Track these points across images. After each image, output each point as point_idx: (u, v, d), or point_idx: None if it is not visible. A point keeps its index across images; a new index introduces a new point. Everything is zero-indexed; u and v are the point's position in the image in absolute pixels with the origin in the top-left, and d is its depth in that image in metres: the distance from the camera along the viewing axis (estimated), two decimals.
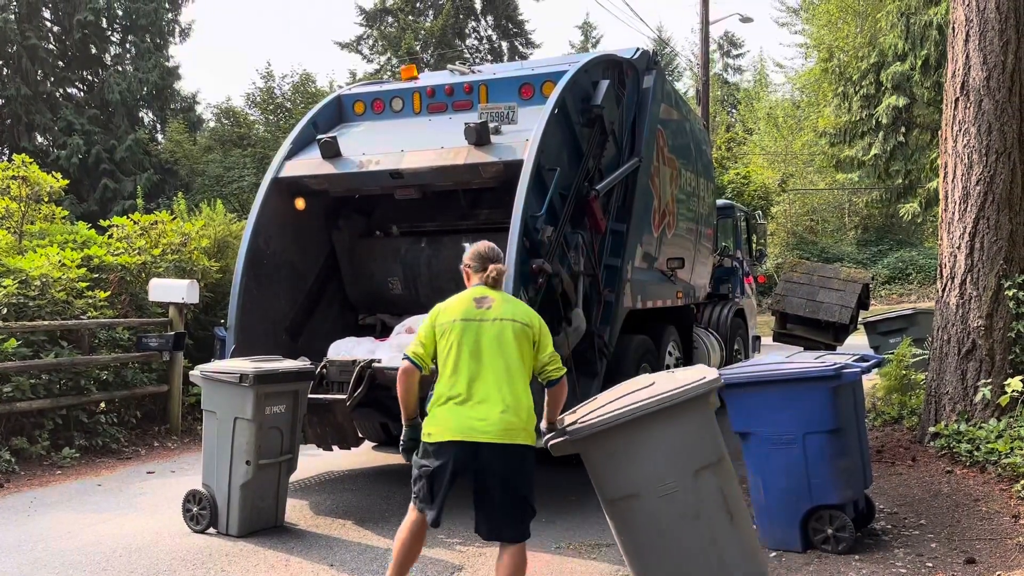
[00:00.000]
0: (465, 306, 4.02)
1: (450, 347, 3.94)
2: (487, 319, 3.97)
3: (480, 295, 4.07)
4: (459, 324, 3.96)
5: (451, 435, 3.84)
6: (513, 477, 3.88)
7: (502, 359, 3.91)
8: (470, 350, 3.91)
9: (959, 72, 7.36)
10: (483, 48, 39.15)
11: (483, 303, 4.02)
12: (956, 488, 6.24)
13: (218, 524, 5.59)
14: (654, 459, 3.84)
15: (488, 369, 3.90)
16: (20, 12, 25.00)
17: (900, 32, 26.03)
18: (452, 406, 3.88)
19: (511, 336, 3.95)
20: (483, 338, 3.93)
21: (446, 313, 4.03)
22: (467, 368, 3.89)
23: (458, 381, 3.89)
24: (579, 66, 6.88)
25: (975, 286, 7.15)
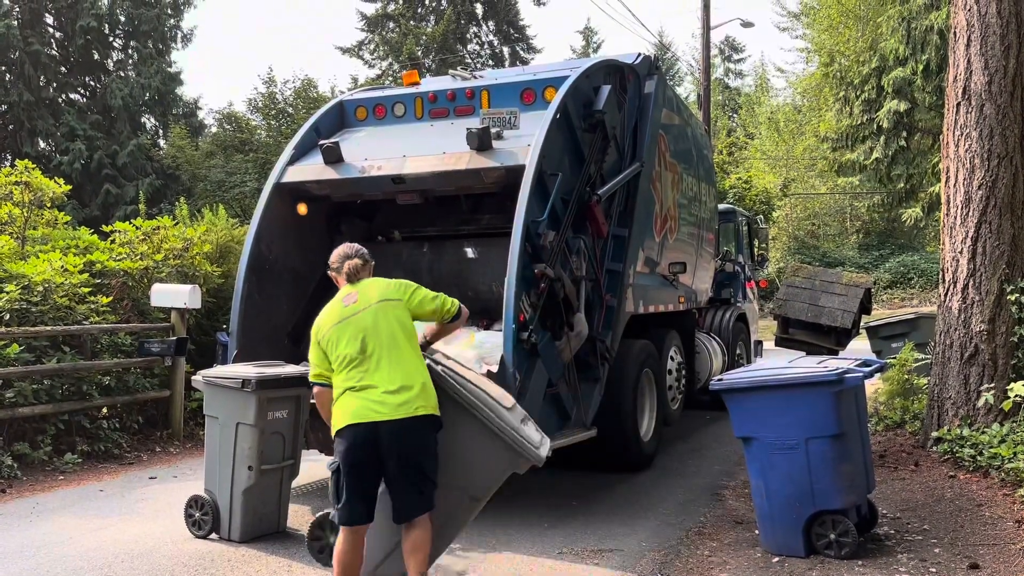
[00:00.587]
0: (335, 311, 4.25)
1: (339, 352, 4.12)
2: (357, 312, 4.18)
3: (345, 294, 4.30)
4: (336, 329, 4.16)
5: (351, 419, 3.98)
6: (412, 451, 4.00)
7: (385, 341, 4.10)
8: (356, 346, 4.09)
9: (961, 76, 7.36)
10: (484, 53, 39.26)
11: (349, 300, 4.25)
12: (959, 493, 6.23)
13: (220, 530, 5.58)
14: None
15: (374, 356, 4.07)
16: (23, 18, 25.10)
17: (901, 37, 26.09)
18: (349, 395, 4.05)
19: (383, 317, 4.17)
20: (360, 330, 4.12)
21: (322, 328, 4.24)
22: (358, 361, 4.07)
23: (352, 374, 4.07)
24: (581, 71, 6.89)
25: (977, 291, 7.14)
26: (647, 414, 7.77)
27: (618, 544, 5.45)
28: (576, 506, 6.39)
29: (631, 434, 7.26)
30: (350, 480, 4.00)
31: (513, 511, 6.26)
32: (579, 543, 5.48)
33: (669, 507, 6.38)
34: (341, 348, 4.11)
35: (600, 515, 6.13)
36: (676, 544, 5.46)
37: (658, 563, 5.10)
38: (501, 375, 5.54)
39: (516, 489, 6.89)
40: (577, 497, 6.63)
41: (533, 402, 5.85)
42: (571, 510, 6.28)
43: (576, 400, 6.40)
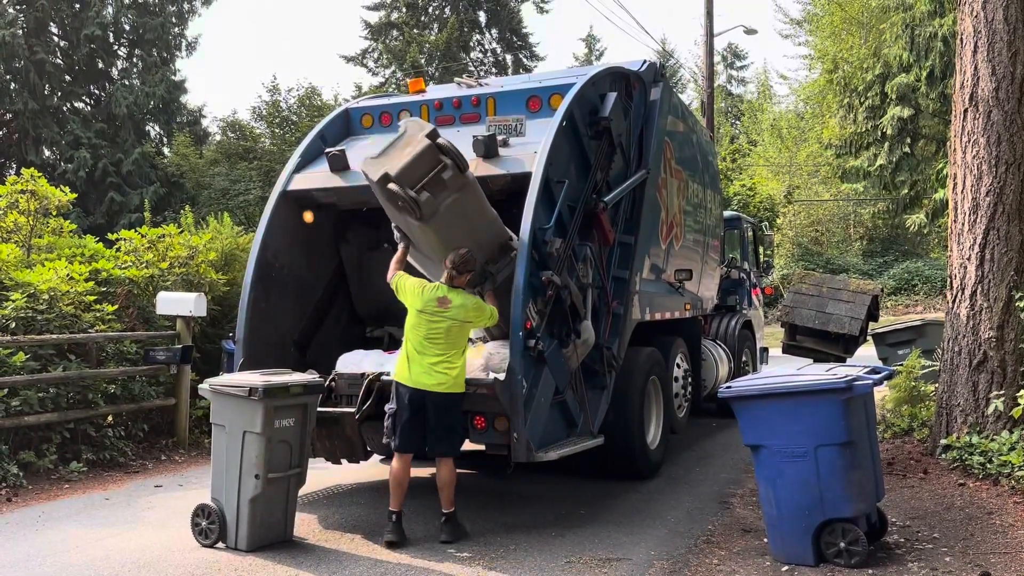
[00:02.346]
0: (433, 301, 5.58)
1: (419, 328, 5.58)
2: (439, 317, 5.55)
3: (444, 294, 5.57)
4: (426, 315, 5.56)
5: (409, 383, 5.54)
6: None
7: (441, 343, 5.57)
8: (423, 337, 5.56)
9: (967, 83, 7.35)
10: (488, 61, 39.33)
11: (444, 304, 5.55)
12: (969, 501, 6.19)
13: (227, 539, 5.56)
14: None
15: (432, 346, 5.57)
16: (28, 27, 25.17)
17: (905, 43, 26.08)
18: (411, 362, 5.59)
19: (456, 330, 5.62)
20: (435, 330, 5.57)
21: (424, 298, 5.60)
22: (423, 346, 5.56)
23: (417, 349, 5.57)
24: (587, 79, 6.89)
25: (986, 297, 7.11)
26: (654, 422, 7.74)
27: (626, 553, 5.42)
28: (583, 515, 6.36)
29: (638, 442, 7.23)
30: (399, 420, 5.61)
31: (520, 519, 6.23)
32: (587, 552, 5.45)
33: (677, 515, 6.35)
34: (419, 323, 5.53)
35: (607, 524, 6.10)
36: (684, 553, 5.43)
37: (666, 572, 5.08)
38: (508, 383, 5.53)
39: (523, 497, 6.88)
40: (584, 505, 6.60)
41: (540, 410, 5.84)
42: (578, 519, 6.25)
43: (583, 408, 6.38)
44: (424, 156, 5.35)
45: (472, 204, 5.67)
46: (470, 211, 5.68)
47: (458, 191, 5.51)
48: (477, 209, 5.73)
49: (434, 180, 5.35)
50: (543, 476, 7.18)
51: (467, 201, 5.61)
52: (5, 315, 8.09)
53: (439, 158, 5.38)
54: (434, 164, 5.37)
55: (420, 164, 5.36)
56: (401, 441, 5.60)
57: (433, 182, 5.36)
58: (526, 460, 5.62)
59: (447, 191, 5.43)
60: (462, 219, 5.64)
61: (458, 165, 5.45)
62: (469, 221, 5.70)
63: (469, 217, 5.69)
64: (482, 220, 5.83)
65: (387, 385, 5.98)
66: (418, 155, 5.35)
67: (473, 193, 5.67)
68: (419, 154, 5.35)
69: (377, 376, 6.01)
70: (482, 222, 5.83)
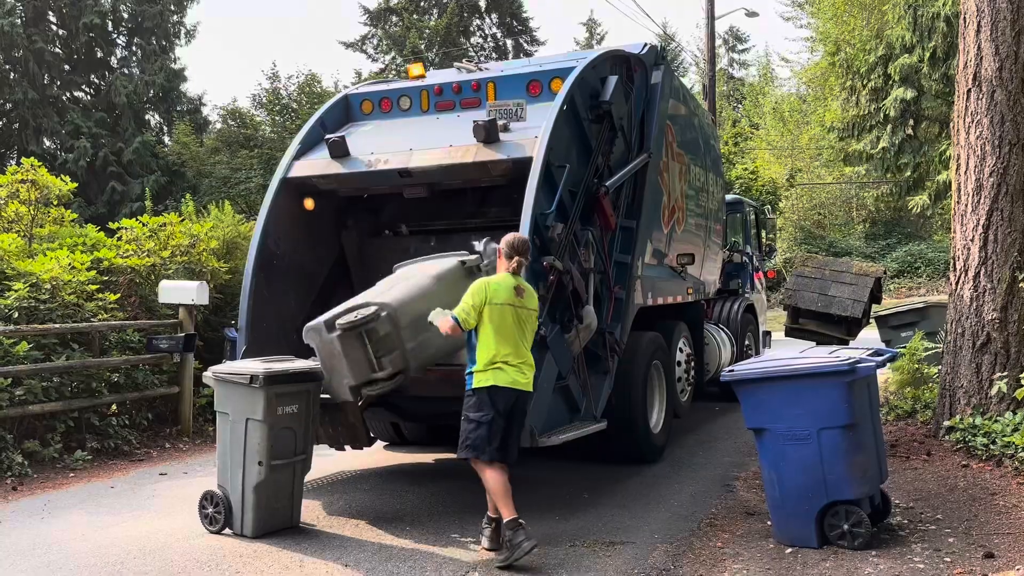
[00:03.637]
0: (510, 294, 5.10)
1: (500, 325, 5.05)
2: (520, 307, 5.13)
3: (515, 284, 5.14)
4: (507, 308, 5.07)
5: (505, 383, 5.01)
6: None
7: (527, 335, 5.21)
8: (512, 329, 5.10)
9: (971, 63, 7.30)
10: (488, 46, 39.16)
11: (520, 293, 5.14)
12: (972, 482, 6.20)
13: (233, 525, 5.58)
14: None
15: (521, 343, 5.15)
16: (26, 16, 25.10)
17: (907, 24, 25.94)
18: (501, 365, 5.03)
19: (529, 321, 5.23)
20: (519, 320, 5.13)
21: (498, 295, 5.07)
22: (511, 341, 5.08)
23: (504, 349, 5.04)
24: (587, 62, 6.85)
25: (989, 278, 7.09)
26: (657, 406, 7.75)
27: (630, 536, 5.43)
28: (587, 499, 6.38)
29: (641, 426, 7.24)
30: (492, 428, 4.99)
31: (524, 504, 6.22)
32: (591, 535, 5.47)
33: (680, 499, 6.36)
34: (502, 323, 5.04)
35: (611, 507, 6.11)
36: (688, 536, 5.44)
37: (670, 555, 5.08)
38: None
39: (527, 482, 6.90)
40: (588, 490, 6.62)
41: (543, 395, 5.83)
42: (582, 503, 6.27)
43: (586, 393, 6.39)
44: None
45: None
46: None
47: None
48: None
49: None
50: (546, 461, 7.19)
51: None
52: (8, 305, 8.09)
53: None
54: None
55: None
56: (502, 451, 5.05)
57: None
58: (529, 445, 5.62)
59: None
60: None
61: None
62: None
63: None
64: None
65: None
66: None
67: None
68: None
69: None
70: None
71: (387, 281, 6.13)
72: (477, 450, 5.01)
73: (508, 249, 5.21)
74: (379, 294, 5.83)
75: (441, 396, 6.28)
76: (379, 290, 5.94)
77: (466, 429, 5.06)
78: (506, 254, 5.21)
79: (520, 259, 5.18)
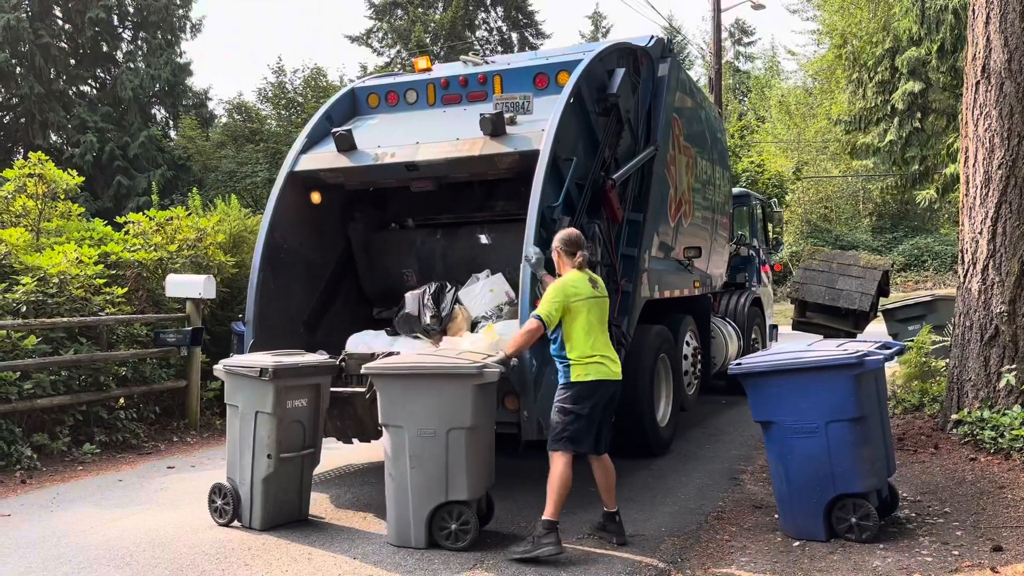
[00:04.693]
0: (587, 287, 5.11)
1: (585, 319, 5.03)
2: (599, 297, 5.17)
3: (588, 277, 5.18)
4: (589, 301, 5.07)
5: (599, 376, 5.02)
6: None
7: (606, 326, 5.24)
8: (598, 322, 5.12)
9: (980, 55, 7.26)
10: (493, 39, 39.11)
11: (595, 284, 5.18)
12: (980, 475, 6.18)
13: (242, 517, 5.60)
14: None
15: (605, 334, 5.18)
16: (32, 11, 25.12)
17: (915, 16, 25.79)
18: (595, 358, 5.04)
19: (607, 309, 5.29)
20: (603, 312, 5.21)
21: (580, 292, 5.06)
22: (598, 332, 5.11)
23: (593, 343, 5.04)
24: (594, 55, 6.83)
25: (998, 271, 7.06)
26: (663, 399, 7.74)
27: (638, 529, 5.43)
28: (595, 492, 6.34)
29: (648, 419, 7.24)
30: (591, 420, 4.98)
31: (532, 497, 6.24)
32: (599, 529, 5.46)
33: (687, 492, 6.36)
34: (588, 317, 5.02)
35: (618, 500, 6.07)
36: (695, 529, 5.44)
37: (678, 548, 5.09)
38: (518, 362, 5.52)
39: (534, 476, 6.89)
40: (595, 483, 6.60)
41: (550, 388, 5.82)
42: (590, 496, 6.25)
43: None
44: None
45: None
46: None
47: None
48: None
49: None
50: None
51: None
52: (16, 299, 8.12)
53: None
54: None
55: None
56: (598, 442, 5.12)
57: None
58: (536, 438, 5.63)
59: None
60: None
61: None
62: None
63: None
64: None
65: None
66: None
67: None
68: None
69: (387, 356, 6.01)
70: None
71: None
72: (576, 443, 4.95)
73: (569, 247, 5.21)
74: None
75: None
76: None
77: (563, 421, 4.97)
78: (568, 252, 5.21)
79: (584, 253, 5.22)
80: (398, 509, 5.14)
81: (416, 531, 5.10)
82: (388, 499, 5.20)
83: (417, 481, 5.04)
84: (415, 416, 5.05)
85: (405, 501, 5.10)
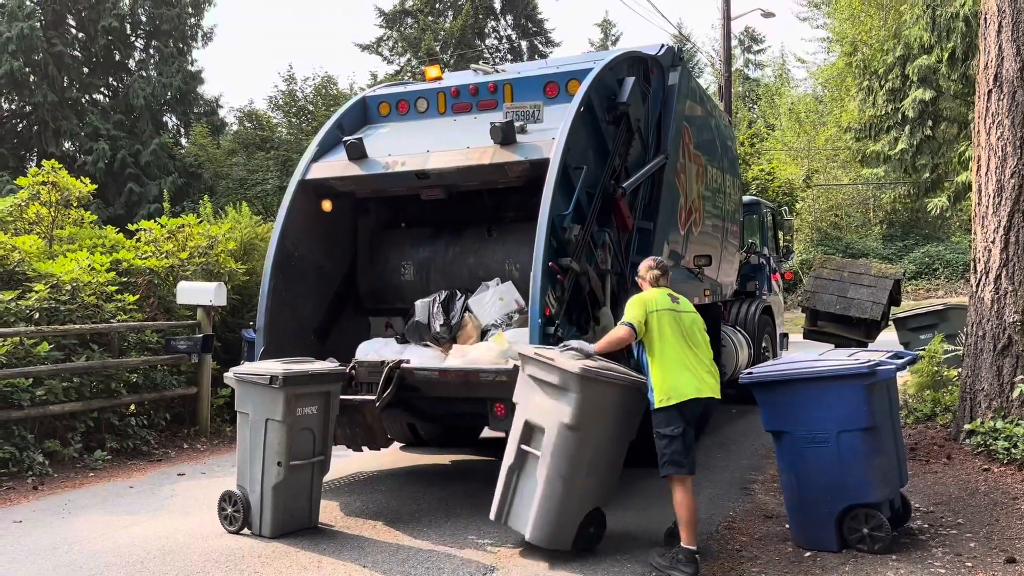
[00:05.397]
0: (665, 300, 5.17)
1: (663, 332, 5.06)
2: (681, 312, 5.18)
3: (666, 292, 5.25)
4: (667, 314, 5.10)
5: (694, 394, 4.96)
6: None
7: (699, 339, 5.19)
8: (679, 336, 5.10)
9: (991, 64, 7.23)
10: (503, 48, 39.18)
11: (673, 299, 5.22)
12: (994, 486, 6.14)
13: (252, 525, 5.61)
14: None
15: (691, 348, 5.12)
16: (46, 20, 25.32)
17: (926, 24, 25.73)
18: (682, 371, 5.02)
19: (697, 323, 5.26)
20: (683, 326, 5.14)
21: (659, 306, 5.11)
22: (683, 346, 5.08)
23: (680, 355, 5.05)
24: (604, 63, 6.84)
25: (1011, 281, 7.02)
26: None
27: (650, 538, 5.41)
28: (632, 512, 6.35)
29: None
30: (685, 439, 4.92)
31: None
32: (608, 538, 5.44)
33: (698, 501, 6.26)
34: (668, 330, 5.04)
35: (628, 510, 6.09)
36: (706, 539, 5.41)
37: None
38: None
39: None
40: None
41: None
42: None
43: None
44: None
45: None
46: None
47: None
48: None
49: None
50: None
51: None
52: (29, 306, 8.17)
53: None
54: None
55: None
56: (694, 463, 5.06)
57: None
58: None
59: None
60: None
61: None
62: None
63: None
64: None
65: (407, 373, 5.98)
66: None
67: None
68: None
69: (397, 364, 6.01)
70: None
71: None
72: (677, 465, 4.93)
73: (645, 271, 5.40)
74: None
75: (457, 397, 6.28)
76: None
77: (660, 445, 4.99)
78: (644, 276, 5.39)
79: (658, 272, 5.34)
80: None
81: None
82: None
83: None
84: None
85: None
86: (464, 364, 5.98)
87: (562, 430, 4.88)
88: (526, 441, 5.09)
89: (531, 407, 5.08)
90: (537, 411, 5.03)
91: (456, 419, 7.60)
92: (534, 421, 5.05)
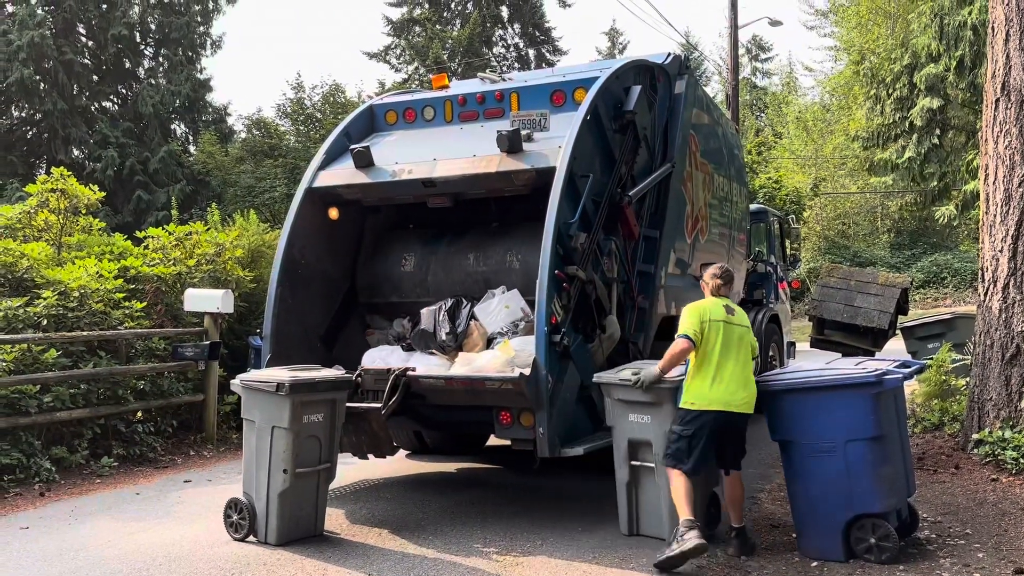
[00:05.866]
0: (720, 311, 5.28)
1: (711, 342, 5.18)
2: (733, 324, 5.28)
3: (724, 303, 5.36)
4: (719, 324, 5.22)
5: (716, 407, 5.10)
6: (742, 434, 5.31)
7: (740, 355, 5.25)
8: (722, 348, 5.19)
9: (999, 72, 7.22)
10: (510, 56, 39.25)
11: (729, 311, 5.32)
12: (1002, 496, 6.10)
13: (257, 532, 5.61)
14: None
15: (730, 362, 5.20)
16: (56, 28, 25.47)
17: (933, 33, 25.66)
18: (710, 383, 5.14)
19: (746, 338, 5.33)
20: (732, 338, 5.24)
21: (714, 316, 5.24)
22: (720, 359, 5.17)
23: (711, 369, 5.16)
24: (611, 72, 6.85)
25: (1019, 290, 7.00)
26: None
27: (654, 547, 5.39)
28: (609, 510, 6.31)
29: None
30: (692, 443, 5.08)
31: (547, 515, 6.23)
32: (613, 547, 5.44)
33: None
34: (718, 340, 5.16)
35: None
36: (712, 549, 5.39)
37: (695, 567, 5.04)
38: (534, 378, 5.52)
39: (550, 493, 6.88)
40: (611, 501, 6.54)
41: (566, 405, 5.83)
42: (604, 514, 6.22)
43: None
44: None
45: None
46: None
47: None
48: None
49: None
50: (570, 471, 7.17)
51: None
52: (37, 312, 8.21)
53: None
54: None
55: None
56: (696, 464, 5.15)
57: None
58: (551, 455, 5.62)
59: None
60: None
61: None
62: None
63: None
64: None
65: (413, 381, 5.99)
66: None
67: None
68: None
69: (403, 372, 6.02)
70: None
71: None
72: (677, 460, 5.13)
73: (709, 277, 5.49)
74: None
75: (463, 405, 6.28)
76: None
77: (668, 439, 5.22)
78: (707, 283, 5.49)
79: (720, 281, 5.42)
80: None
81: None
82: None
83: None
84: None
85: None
86: (470, 372, 5.97)
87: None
88: (634, 457, 5.59)
89: (629, 427, 5.55)
90: (637, 428, 5.51)
91: (462, 427, 7.60)
92: (637, 438, 5.53)
